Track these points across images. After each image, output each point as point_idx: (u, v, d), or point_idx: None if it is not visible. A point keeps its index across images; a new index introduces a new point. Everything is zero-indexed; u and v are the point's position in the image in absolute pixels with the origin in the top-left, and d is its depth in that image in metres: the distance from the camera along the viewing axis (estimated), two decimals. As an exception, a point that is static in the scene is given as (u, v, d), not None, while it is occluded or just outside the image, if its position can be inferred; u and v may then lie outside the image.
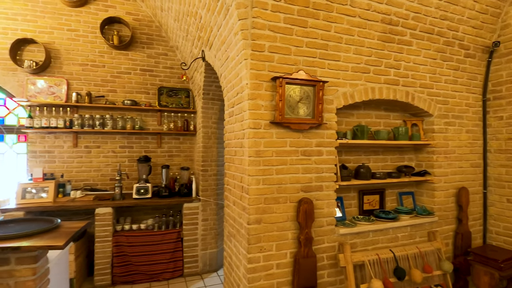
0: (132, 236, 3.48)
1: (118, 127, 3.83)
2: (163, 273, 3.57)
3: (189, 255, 3.71)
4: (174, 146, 4.24)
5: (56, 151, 3.72)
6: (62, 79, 3.72)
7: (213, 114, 3.92)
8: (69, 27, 3.82)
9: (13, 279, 1.52)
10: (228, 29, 2.23)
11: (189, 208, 3.73)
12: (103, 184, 3.88)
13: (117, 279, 3.42)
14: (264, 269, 2.08)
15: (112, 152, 3.93)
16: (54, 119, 3.60)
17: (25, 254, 1.52)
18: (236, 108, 2.31)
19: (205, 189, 3.84)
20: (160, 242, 3.57)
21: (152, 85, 4.13)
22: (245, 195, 2.10)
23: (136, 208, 3.91)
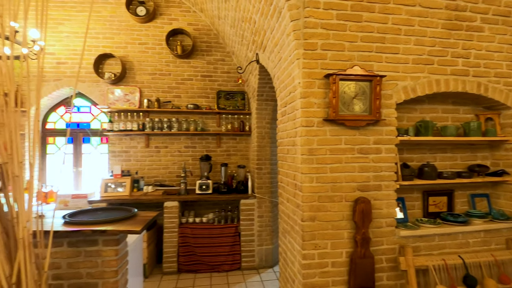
0: (195, 228, 3.78)
1: (182, 129, 4.20)
2: (222, 265, 3.80)
3: (246, 249, 3.88)
4: (232, 145, 4.47)
5: (132, 151, 4.24)
6: (135, 87, 4.23)
7: (266, 114, 4.03)
8: (140, 41, 4.31)
9: (101, 258, 1.81)
10: (281, 31, 2.30)
11: (245, 204, 3.90)
12: (170, 180, 4.29)
13: (182, 267, 3.75)
14: (319, 266, 2.09)
15: (178, 152, 4.31)
16: (129, 123, 4.11)
17: (109, 237, 1.80)
18: (288, 107, 2.36)
19: (260, 186, 3.97)
20: (220, 235, 3.81)
21: (211, 90, 4.42)
22: (299, 193, 2.14)
23: (199, 202, 4.23)
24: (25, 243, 1.30)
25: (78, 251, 1.78)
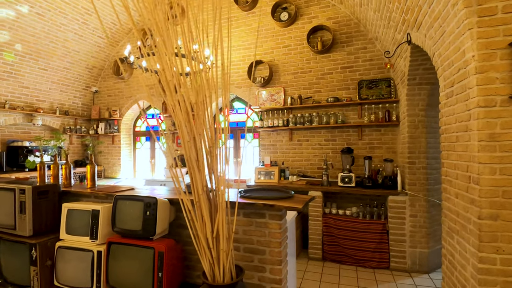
0: (339, 219, 3.81)
1: (323, 122, 4.31)
2: (368, 261, 3.66)
3: (396, 249, 3.59)
4: (375, 138, 4.23)
5: (278, 144, 4.69)
6: (280, 87, 4.65)
7: (419, 100, 3.59)
8: (283, 45, 4.71)
9: (268, 229, 2.12)
10: (443, 2, 2.02)
11: (394, 201, 3.61)
12: (312, 172, 4.49)
13: (327, 256, 3.86)
14: (503, 274, 1.72)
15: (318, 145, 4.46)
16: (276, 119, 4.56)
17: (274, 212, 2.09)
18: (456, 87, 2.04)
19: (412, 183, 3.58)
20: (365, 230, 3.69)
21: (351, 81, 4.33)
22: (474, 186, 1.82)
23: (340, 195, 4.23)
24: (223, 207, 1.70)
25: (250, 221, 2.16)
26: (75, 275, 2.27)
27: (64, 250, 2.32)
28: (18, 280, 2.53)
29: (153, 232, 2.01)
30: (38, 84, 5.29)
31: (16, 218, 2.46)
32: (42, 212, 2.53)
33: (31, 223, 2.43)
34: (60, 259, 2.34)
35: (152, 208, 2.02)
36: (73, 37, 5.20)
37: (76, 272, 2.26)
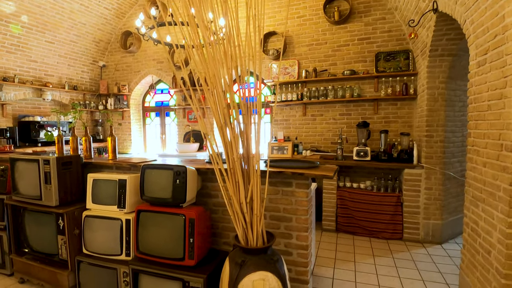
0: (353, 192, 3.86)
1: (338, 96, 4.25)
2: (382, 232, 3.74)
3: (410, 221, 3.65)
4: (391, 112, 4.19)
5: (291, 120, 4.66)
6: (294, 60, 4.54)
7: (440, 73, 3.51)
8: (298, 15, 4.55)
9: (294, 198, 2.14)
10: (483, -38, 1.91)
11: (410, 174, 3.63)
12: (325, 147, 4.49)
13: (340, 227, 3.94)
14: (533, 241, 1.75)
15: (333, 119, 4.43)
16: (289, 94, 4.50)
17: (301, 181, 2.10)
18: (491, 54, 1.98)
19: (429, 156, 3.58)
20: (379, 202, 3.74)
21: (369, 53, 4.22)
22: (507, 154, 1.81)
23: (354, 169, 4.25)
24: (257, 173, 1.71)
25: (277, 190, 2.18)
26: (103, 243, 2.33)
27: (91, 219, 2.37)
28: (45, 249, 2.60)
29: (183, 199, 2.04)
30: (45, 58, 5.18)
31: (42, 189, 2.49)
32: (67, 182, 2.56)
33: (57, 193, 2.47)
34: (87, 228, 2.39)
35: (181, 176, 2.04)
36: (79, 8, 5.03)
37: (104, 240, 2.32)
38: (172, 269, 2.02)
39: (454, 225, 3.74)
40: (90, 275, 2.35)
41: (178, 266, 2.03)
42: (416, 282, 2.73)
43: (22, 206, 2.66)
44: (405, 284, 2.70)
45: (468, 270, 2.29)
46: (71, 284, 2.45)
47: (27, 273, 2.68)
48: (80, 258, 2.39)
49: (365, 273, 2.90)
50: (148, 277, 2.09)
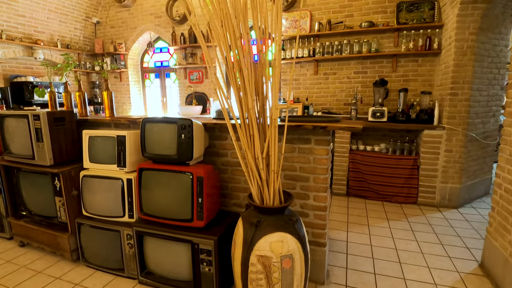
0: (366, 155, 3.65)
1: (354, 51, 3.89)
2: (395, 196, 3.59)
3: (426, 184, 3.48)
4: (411, 69, 3.85)
5: (301, 79, 4.33)
6: (306, 11, 4.12)
7: (471, 22, 3.13)
8: (310, -41, 4.04)
9: (313, 156, 1.93)
10: None
11: (430, 135, 3.39)
12: (337, 108, 4.21)
13: (351, 191, 3.79)
14: None
15: (347, 78, 4.10)
16: (300, 50, 4.13)
17: (321, 137, 1.87)
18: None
19: (452, 116, 3.31)
20: (394, 166, 3.54)
21: (389, 2, 3.79)
22: None
23: (367, 133, 4.01)
24: (275, 125, 1.47)
25: (293, 147, 1.96)
26: (104, 204, 2.16)
27: (90, 179, 2.18)
28: (43, 211, 2.45)
29: (189, 156, 1.82)
30: (34, 13, 4.75)
31: (34, 147, 2.28)
32: (61, 140, 2.34)
33: (50, 151, 2.26)
34: (86, 188, 2.21)
35: (187, 130, 1.80)
36: (66, -47, 4.51)
37: (105, 201, 2.15)
38: (179, 230, 1.86)
39: (472, 189, 3.57)
40: (92, 238, 2.22)
41: (186, 228, 1.87)
42: (435, 246, 2.60)
43: (16, 166, 2.47)
44: (424, 248, 2.57)
45: (497, 233, 2.12)
46: (73, 247, 2.33)
47: (27, 237, 2.56)
48: (80, 220, 2.24)
49: (380, 237, 2.77)
50: (154, 239, 1.94)
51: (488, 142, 3.59)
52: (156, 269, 2.00)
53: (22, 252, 2.55)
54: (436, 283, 2.10)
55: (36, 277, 2.18)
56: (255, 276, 1.51)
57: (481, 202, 3.61)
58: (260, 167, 1.51)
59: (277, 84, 1.46)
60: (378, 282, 2.10)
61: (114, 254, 2.15)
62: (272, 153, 1.48)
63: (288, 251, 1.51)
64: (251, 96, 1.44)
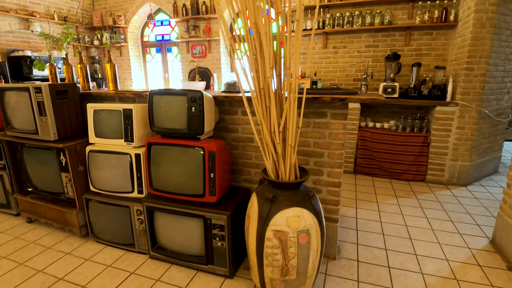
0: (376, 133, 3.58)
1: (366, 23, 3.71)
2: (403, 174, 3.55)
3: (435, 162, 3.43)
4: (425, 43, 3.69)
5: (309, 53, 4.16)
6: (315, -20, 3.89)
7: (494, -9, 2.95)
8: None
9: (328, 130, 1.85)
10: None
11: (442, 112, 3.30)
12: (347, 84, 4.08)
13: (359, 169, 3.75)
14: None
15: (357, 52, 3.94)
16: (308, 21, 3.94)
17: (338, 111, 1.79)
18: None
19: (466, 92, 3.21)
20: (404, 143, 3.48)
21: (405, -30, 3.56)
22: None
23: (376, 109, 3.92)
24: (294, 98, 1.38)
25: (307, 121, 1.88)
26: (112, 180, 2.11)
27: (96, 155, 2.12)
28: (50, 187, 2.41)
29: (200, 130, 1.75)
30: (27, -18, 4.51)
31: (37, 122, 2.20)
32: (64, 114, 2.26)
33: (54, 126, 2.18)
34: (93, 164, 2.16)
35: (197, 103, 1.72)
36: None
37: (113, 177, 2.10)
38: (191, 206, 1.82)
39: (481, 167, 3.53)
40: (101, 214, 2.19)
41: (198, 203, 1.83)
42: (445, 223, 2.59)
43: (19, 142, 2.41)
44: (434, 225, 2.55)
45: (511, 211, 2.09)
46: (81, 223, 2.31)
47: (34, 213, 2.54)
48: (88, 196, 2.20)
49: (389, 213, 2.76)
50: (165, 214, 1.91)
51: (501, 120, 3.51)
52: (167, 244, 1.99)
53: (30, 228, 2.54)
54: (448, 258, 2.09)
55: (46, 253, 2.18)
56: (271, 250, 1.49)
57: (490, 180, 3.58)
58: (276, 141, 1.44)
59: (298, 51, 1.36)
60: (390, 257, 2.10)
61: (123, 229, 2.13)
62: (290, 126, 1.41)
63: (305, 226, 1.47)
64: (269, 65, 1.34)
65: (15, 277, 1.91)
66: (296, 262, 1.50)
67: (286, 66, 1.38)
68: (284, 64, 1.40)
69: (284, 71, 1.39)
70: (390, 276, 1.92)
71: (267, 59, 1.34)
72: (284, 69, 1.39)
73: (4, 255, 2.15)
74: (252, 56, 1.41)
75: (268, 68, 1.34)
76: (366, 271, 1.96)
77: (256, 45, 1.38)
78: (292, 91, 1.36)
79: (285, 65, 1.38)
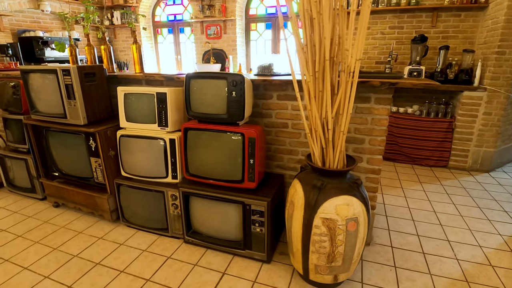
0: (399, 117, 3.52)
1: (391, 3, 3.57)
2: (426, 159, 3.52)
3: (459, 148, 3.39)
4: (452, 25, 3.55)
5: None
6: (339, -44, 3.70)
7: (534, -31, 2.80)
8: None
9: (371, 116, 1.80)
10: None
11: (469, 97, 3.22)
12: (369, 67, 3.97)
13: (380, 155, 3.71)
14: None
15: (381, 34, 3.81)
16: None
17: (383, 95, 1.73)
18: None
19: (495, 77, 3.11)
20: (427, 128, 3.42)
21: None
22: None
23: (399, 94, 3.83)
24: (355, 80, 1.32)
25: (349, 106, 1.82)
26: (145, 165, 2.08)
27: (128, 139, 2.09)
28: (77, 172, 2.39)
29: (241, 116, 1.70)
30: (35, -43, 4.31)
31: (65, 105, 2.15)
32: (92, 97, 2.20)
33: (83, 109, 2.13)
34: (124, 149, 2.12)
35: (238, 87, 1.66)
36: None
37: (146, 162, 2.07)
38: (229, 191, 1.80)
39: (504, 154, 3.49)
40: (132, 199, 2.18)
41: (236, 189, 1.81)
42: (473, 209, 2.58)
43: (45, 126, 2.37)
44: (462, 211, 2.54)
45: (549, 197, 2.07)
46: (112, 208, 2.31)
47: (61, 197, 2.54)
48: (119, 181, 2.18)
49: (416, 199, 2.75)
50: (201, 200, 1.89)
51: (528, 105, 3.43)
52: (202, 228, 1.98)
53: (58, 213, 2.54)
54: (480, 245, 2.09)
55: (78, 237, 2.18)
56: (319, 238, 1.48)
57: (512, 167, 3.55)
58: (328, 127, 1.40)
59: (365, 30, 1.28)
60: (423, 244, 2.10)
61: (156, 214, 2.13)
62: (345, 112, 1.36)
63: (354, 214, 1.45)
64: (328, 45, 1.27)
65: (51, 262, 1.92)
66: (343, 249, 1.49)
67: (345, 47, 1.31)
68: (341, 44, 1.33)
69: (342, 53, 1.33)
70: (426, 262, 1.92)
71: (327, 40, 1.27)
72: (343, 50, 1.32)
73: (37, 240, 2.16)
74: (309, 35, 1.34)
75: (327, 50, 1.27)
76: (402, 256, 1.97)
77: (314, 23, 1.30)
78: (352, 74, 1.30)
79: (343, 46, 1.31)
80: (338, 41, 1.35)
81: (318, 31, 1.29)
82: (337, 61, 1.37)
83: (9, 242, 2.13)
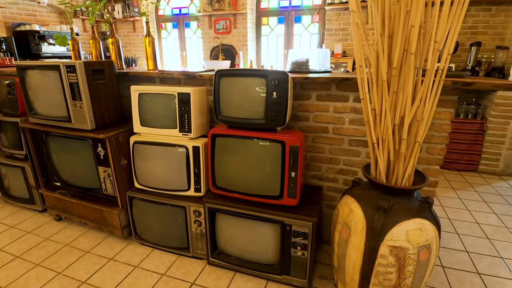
0: (426, 119, 3.29)
1: (418, -4, 3.32)
2: (454, 163, 3.30)
3: (490, 151, 3.17)
4: (481, 20, 3.33)
5: (349, 28, 3.79)
6: None
7: None
8: None
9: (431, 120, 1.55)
10: None
11: (503, 97, 3.00)
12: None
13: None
14: None
15: (404, 29, 3.57)
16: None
17: (446, 97, 1.49)
18: None
19: (533, 74, 2.90)
20: (456, 130, 3.20)
21: None
22: None
23: (422, 93, 3.59)
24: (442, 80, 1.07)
25: (403, 110, 1.58)
26: (163, 176, 1.82)
27: (143, 147, 1.81)
28: (83, 183, 2.12)
29: (281, 121, 1.45)
30: None
31: (69, 107, 1.87)
32: (101, 98, 1.92)
33: (91, 112, 1.85)
34: (138, 157, 1.85)
35: (280, 87, 1.40)
36: None
37: (164, 172, 1.80)
38: (264, 209, 1.55)
39: (537, 157, 3.29)
40: (147, 214, 1.91)
41: (272, 206, 1.56)
42: (518, 220, 2.36)
43: (44, 130, 2.08)
44: (507, 222, 2.33)
45: None
46: (124, 223, 2.04)
47: (64, 210, 2.26)
48: (132, 193, 1.91)
49: (454, 209, 2.52)
50: (229, 217, 1.64)
51: (561, 105, 3.22)
52: (230, 249, 1.73)
53: (61, 228, 2.27)
54: (539, 263, 1.87)
55: (85, 258, 1.91)
56: (384, 269, 1.23)
57: (544, 170, 3.35)
58: (403, 136, 1.15)
59: (463, 13, 1.03)
60: (475, 262, 1.87)
61: (176, 231, 1.87)
62: (425, 118, 1.11)
63: (427, 241, 1.21)
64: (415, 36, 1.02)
65: (56, 289, 1.66)
66: (411, 281, 1.25)
67: (434, 39, 1.06)
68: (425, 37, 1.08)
69: (430, 45, 1.07)
70: (484, 284, 1.70)
71: (416, 27, 1.01)
72: (430, 42, 1.07)
73: (38, 262, 1.88)
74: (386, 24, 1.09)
75: (414, 41, 1.02)
76: (456, 278, 1.74)
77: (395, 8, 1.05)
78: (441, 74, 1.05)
79: (432, 37, 1.06)
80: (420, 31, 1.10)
81: (404, 18, 1.03)
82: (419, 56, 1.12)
83: (5, 265, 1.86)
